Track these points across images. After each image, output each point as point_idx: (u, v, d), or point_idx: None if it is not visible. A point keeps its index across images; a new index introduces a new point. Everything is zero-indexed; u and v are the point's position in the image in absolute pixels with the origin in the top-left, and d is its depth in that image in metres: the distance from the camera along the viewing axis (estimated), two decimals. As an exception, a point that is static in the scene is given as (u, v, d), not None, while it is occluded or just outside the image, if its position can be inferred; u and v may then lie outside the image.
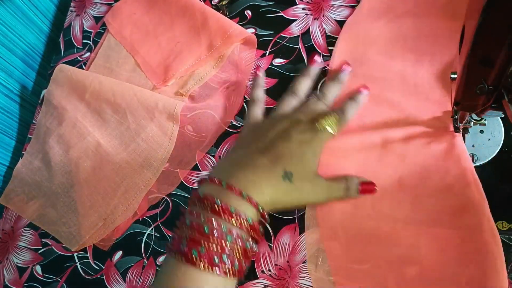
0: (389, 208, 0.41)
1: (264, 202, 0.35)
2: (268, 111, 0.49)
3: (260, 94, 0.48)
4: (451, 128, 0.41)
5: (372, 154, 0.43)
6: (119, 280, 0.46)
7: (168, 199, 0.48)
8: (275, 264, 0.43)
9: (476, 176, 0.39)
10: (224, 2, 0.58)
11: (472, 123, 0.40)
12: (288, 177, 0.36)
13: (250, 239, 0.33)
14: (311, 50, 0.51)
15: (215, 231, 0.31)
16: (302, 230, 0.43)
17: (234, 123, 0.50)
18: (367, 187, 0.39)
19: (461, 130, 0.40)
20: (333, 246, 0.41)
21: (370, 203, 0.41)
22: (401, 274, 0.38)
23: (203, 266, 0.30)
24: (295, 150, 0.38)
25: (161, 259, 0.46)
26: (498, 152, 0.41)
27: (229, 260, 0.31)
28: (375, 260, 0.39)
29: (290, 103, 0.45)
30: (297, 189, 0.37)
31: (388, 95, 0.45)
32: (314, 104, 0.44)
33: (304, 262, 0.42)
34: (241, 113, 0.50)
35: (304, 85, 0.46)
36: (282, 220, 0.44)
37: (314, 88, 0.49)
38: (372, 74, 0.47)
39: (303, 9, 0.54)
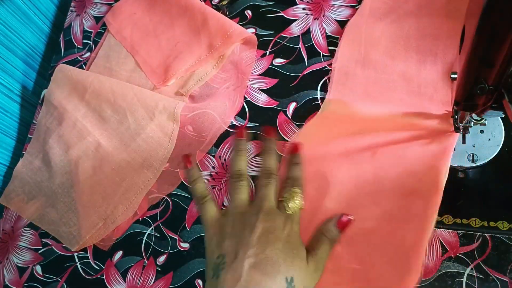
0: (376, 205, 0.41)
1: None
2: (265, 112, 0.49)
3: (203, 188, 0.44)
4: (453, 128, 0.41)
5: (372, 155, 0.43)
6: (119, 280, 0.46)
7: (168, 199, 0.48)
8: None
9: (442, 177, 0.39)
10: (225, 2, 0.58)
11: (472, 123, 0.40)
12: (290, 283, 0.35)
13: None
14: (312, 50, 0.51)
15: None
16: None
17: (234, 123, 0.50)
18: (344, 222, 0.39)
19: (461, 130, 0.40)
20: None
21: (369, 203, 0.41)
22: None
23: None
24: (286, 250, 0.36)
25: (161, 259, 0.46)
26: (498, 152, 0.41)
27: None
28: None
29: (243, 189, 0.42)
30: (301, 286, 0.36)
31: (391, 96, 0.45)
32: (269, 185, 0.41)
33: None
34: (242, 113, 0.50)
35: (243, 163, 0.44)
36: (282, 220, 0.44)
37: (314, 88, 0.49)
38: (375, 75, 0.47)
39: (303, 9, 0.54)
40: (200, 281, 0.44)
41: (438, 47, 0.46)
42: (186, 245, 0.46)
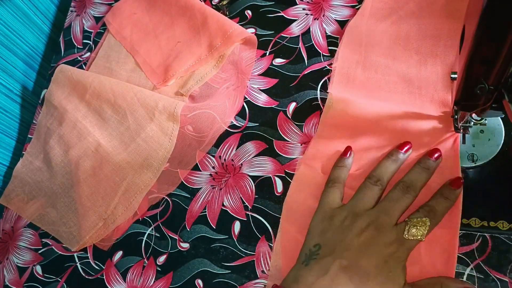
0: None
1: None
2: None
3: (344, 176, 0.42)
4: (453, 128, 0.41)
5: (374, 155, 0.43)
6: (119, 280, 0.46)
7: (168, 199, 0.48)
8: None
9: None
10: (224, 2, 0.58)
11: (472, 123, 0.40)
12: None
13: None
14: (312, 50, 0.51)
15: None
16: (302, 230, 0.43)
17: (234, 123, 0.50)
18: None
19: (461, 130, 0.40)
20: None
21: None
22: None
23: None
24: (381, 268, 0.34)
25: (161, 259, 0.46)
26: (498, 152, 0.41)
27: None
28: None
29: (371, 193, 0.39)
30: None
31: (392, 97, 0.45)
32: (399, 201, 0.38)
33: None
34: (242, 113, 0.50)
35: (390, 171, 0.40)
36: (282, 220, 0.44)
37: (314, 88, 0.49)
38: (375, 76, 0.47)
39: (303, 9, 0.54)
40: (200, 281, 0.44)
41: (439, 48, 0.46)
42: (186, 245, 0.46)
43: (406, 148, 0.41)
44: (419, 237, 0.36)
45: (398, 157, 0.41)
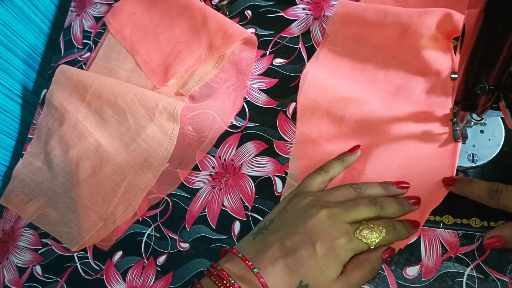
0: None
1: None
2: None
3: (336, 170, 0.41)
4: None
5: (380, 147, 0.43)
6: (119, 280, 0.46)
7: (168, 199, 0.48)
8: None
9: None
10: (224, 2, 0.58)
11: (472, 123, 0.40)
12: (302, 287, 0.34)
13: None
14: (312, 50, 0.51)
15: None
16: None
17: (234, 123, 0.50)
18: (389, 253, 0.37)
19: (459, 131, 0.40)
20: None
21: None
22: None
23: None
24: (319, 262, 0.34)
25: (161, 259, 0.46)
26: (498, 152, 0.41)
27: None
28: None
29: (346, 193, 0.38)
30: None
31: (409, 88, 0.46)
32: (363, 207, 0.37)
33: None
34: (241, 113, 0.50)
35: (376, 191, 0.39)
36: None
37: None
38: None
39: (303, 9, 0.54)
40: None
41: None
42: (186, 245, 0.46)
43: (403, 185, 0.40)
44: (369, 241, 0.35)
45: (390, 187, 0.40)
